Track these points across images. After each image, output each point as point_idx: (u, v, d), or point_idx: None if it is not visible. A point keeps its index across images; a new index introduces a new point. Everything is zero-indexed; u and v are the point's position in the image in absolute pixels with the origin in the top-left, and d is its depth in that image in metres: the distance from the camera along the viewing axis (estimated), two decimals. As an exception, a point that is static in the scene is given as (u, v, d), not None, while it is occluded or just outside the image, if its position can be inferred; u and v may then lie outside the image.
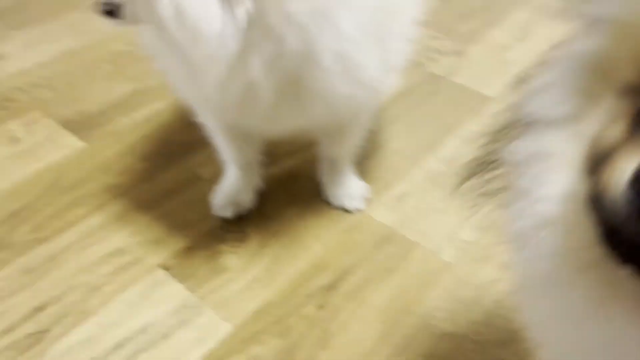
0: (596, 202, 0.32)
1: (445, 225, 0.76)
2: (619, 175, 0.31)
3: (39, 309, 0.64)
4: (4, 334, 0.62)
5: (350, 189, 0.77)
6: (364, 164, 0.83)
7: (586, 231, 0.33)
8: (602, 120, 0.35)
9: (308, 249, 0.72)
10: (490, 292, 0.68)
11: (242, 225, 0.75)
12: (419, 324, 0.64)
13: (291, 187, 0.79)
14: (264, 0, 0.49)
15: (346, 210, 0.77)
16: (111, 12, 0.53)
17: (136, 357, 0.60)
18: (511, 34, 1.18)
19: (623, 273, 0.31)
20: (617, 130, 0.33)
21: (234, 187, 0.75)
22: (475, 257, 0.72)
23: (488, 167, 0.45)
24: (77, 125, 0.90)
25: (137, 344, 0.61)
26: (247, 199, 0.76)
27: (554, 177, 0.36)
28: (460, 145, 0.89)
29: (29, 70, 1.01)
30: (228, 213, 0.75)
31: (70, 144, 0.86)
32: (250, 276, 0.69)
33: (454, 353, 0.62)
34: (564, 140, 0.37)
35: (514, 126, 0.41)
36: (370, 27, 0.56)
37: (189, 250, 0.72)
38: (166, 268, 0.69)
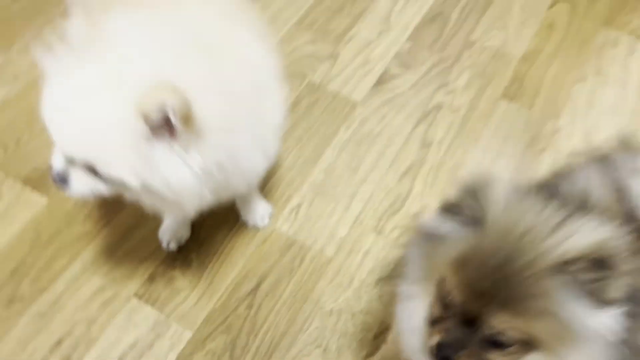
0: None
1: (326, 227, 1.08)
2: (431, 343, 0.58)
3: (58, 343, 0.94)
4: None
5: (258, 211, 1.07)
6: (266, 185, 1.12)
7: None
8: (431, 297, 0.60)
9: (235, 263, 1.04)
10: (358, 275, 1.03)
11: (185, 252, 1.04)
12: (313, 307, 0.99)
13: (217, 216, 1.07)
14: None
15: (258, 228, 1.07)
16: (64, 180, 0.74)
17: (133, 363, 0.93)
18: (375, 27, 1.42)
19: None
20: (436, 308, 0.59)
21: (174, 226, 1.03)
22: (348, 249, 1.06)
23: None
24: (36, 182, 1.12)
25: (132, 356, 0.93)
26: (186, 232, 1.05)
27: (413, 314, 0.63)
28: (337, 154, 1.19)
29: (-22, 129, 1.19)
30: (173, 246, 1.03)
31: (36, 200, 1.10)
32: (198, 292, 1.00)
33: (337, 324, 0.97)
34: (421, 292, 0.62)
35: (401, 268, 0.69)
36: (256, 144, 0.82)
37: (151, 279, 1.01)
38: (138, 296, 0.99)
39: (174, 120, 0.62)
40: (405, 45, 1.37)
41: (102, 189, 0.72)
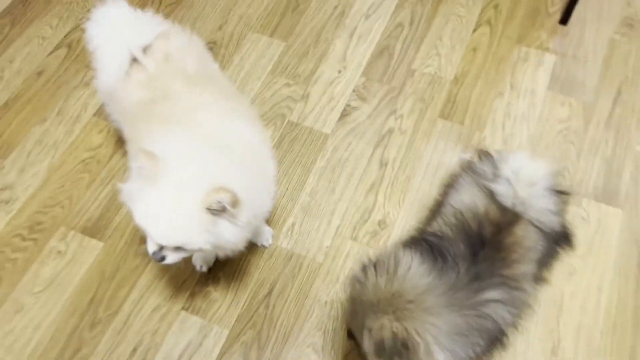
0: None
1: (315, 240, 1.45)
2: None
3: (134, 350, 1.31)
4: None
5: (264, 234, 1.43)
6: (266, 209, 1.47)
7: None
8: None
9: (252, 275, 1.40)
10: (342, 273, 1.40)
11: (214, 272, 1.40)
12: (313, 301, 1.36)
13: (232, 242, 1.43)
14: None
15: (265, 247, 1.43)
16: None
17: (190, 358, 1.30)
18: (335, 66, 1.75)
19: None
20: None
21: (204, 254, 1.39)
22: (332, 255, 1.43)
23: None
24: (92, 230, 1.46)
25: (188, 353, 1.30)
26: (213, 257, 1.40)
27: None
28: (317, 179, 1.54)
29: (35, 196, 1.51)
30: (205, 269, 1.39)
31: (94, 245, 1.44)
32: (228, 300, 1.37)
33: (331, 311, 1.35)
34: None
35: None
36: (265, 193, 1.16)
37: (192, 295, 1.37)
38: (185, 309, 1.36)
39: (228, 207, 0.97)
40: (360, 80, 1.71)
41: (186, 254, 1.08)
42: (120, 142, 1.59)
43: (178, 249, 1.03)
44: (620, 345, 1.30)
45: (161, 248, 1.04)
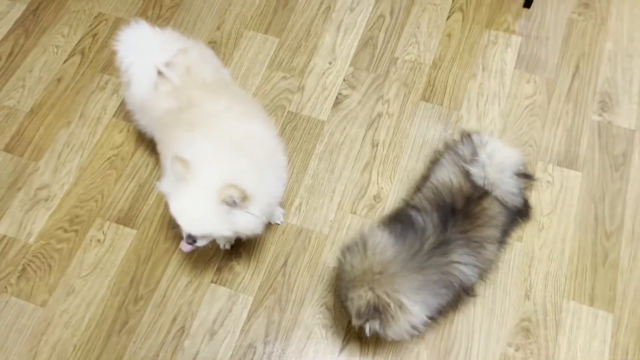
0: None
1: (320, 216, 1.67)
2: None
3: (174, 319, 1.54)
4: (160, 336, 1.52)
5: (276, 214, 1.64)
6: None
7: None
8: None
9: (268, 250, 1.62)
10: (341, 241, 1.63)
11: (236, 248, 1.62)
12: (322, 267, 1.59)
13: (249, 222, 1.65)
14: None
15: (278, 224, 1.65)
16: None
17: (222, 324, 1.53)
18: (326, 58, 1.94)
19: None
20: None
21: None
22: (336, 228, 1.65)
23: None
24: (125, 220, 1.66)
25: (221, 318, 1.53)
26: (234, 237, 1.62)
27: None
28: (317, 162, 1.75)
29: (70, 192, 1.71)
30: (228, 246, 1.61)
31: (129, 232, 1.65)
32: (250, 271, 1.59)
33: (332, 278, 1.58)
34: None
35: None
36: (278, 181, 1.38)
37: (219, 270, 1.60)
38: (214, 282, 1.58)
39: (237, 201, 1.19)
40: (349, 70, 1.91)
41: (213, 238, 1.30)
42: (139, 140, 1.78)
43: (206, 236, 1.25)
44: (582, 287, 1.56)
45: (188, 237, 1.27)
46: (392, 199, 1.69)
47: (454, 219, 1.28)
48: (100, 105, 1.86)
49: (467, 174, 1.33)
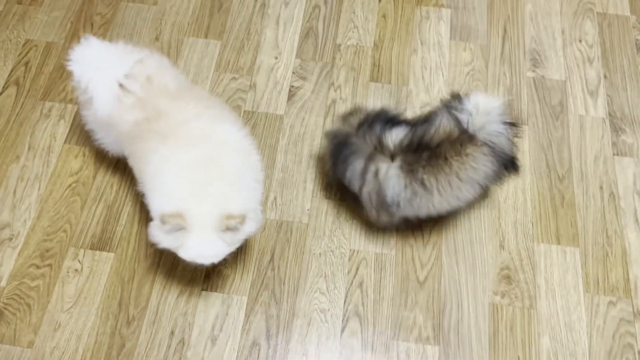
0: None
1: (297, 206, 1.70)
2: None
3: (171, 333, 1.51)
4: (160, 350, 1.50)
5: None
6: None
7: None
8: None
9: (253, 248, 1.63)
10: (327, 226, 1.67)
11: (219, 252, 1.62)
12: (309, 255, 1.62)
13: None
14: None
15: (256, 222, 1.66)
16: None
17: (222, 328, 1.52)
18: (271, 54, 1.96)
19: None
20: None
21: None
22: (315, 214, 1.69)
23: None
24: (100, 244, 1.61)
25: (219, 323, 1.53)
26: (215, 241, 1.62)
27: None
28: (284, 156, 1.77)
29: (35, 227, 1.63)
30: (212, 252, 1.61)
31: (107, 257, 1.60)
32: (239, 272, 1.60)
33: (326, 259, 1.62)
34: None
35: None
36: (259, 185, 1.40)
37: (207, 276, 1.59)
38: (204, 289, 1.57)
39: (239, 226, 1.24)
40: (296, 62, 1.94)
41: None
42: (99, 161, 1.73)
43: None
44: (547, 229, 1.69)
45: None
46: (361, 178, 1.75)
47: (428, 154, 1.45)
48: (48, 133, 1.78)
49: (457, 121, 1.44)
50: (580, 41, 2.02)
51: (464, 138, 1.46)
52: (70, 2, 2.04)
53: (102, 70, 1.33)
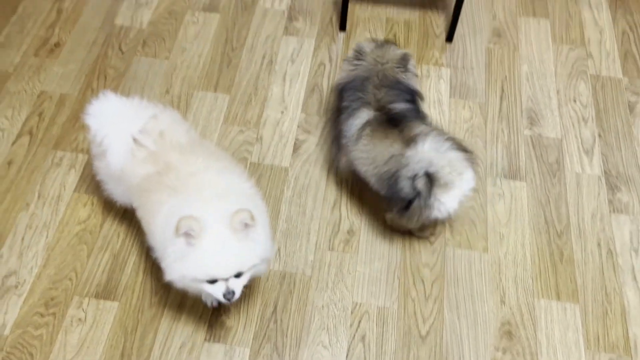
0: None
1: (300, 258, 1.72)
2: None
3: (173, 385, 1.51)
4: None
5: (257, 263, 1.68)
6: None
7: None
8: None
9: (256, 299, 1.65)
10: (330, 279, 1.69)
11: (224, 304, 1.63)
12: (312, 307, 1.64)
13: (232, 275, 1.67)
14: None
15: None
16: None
17: (221, 378, 1.52)
18: (277, 108, 2.03)
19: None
20: None
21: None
22: (317, 267, 1.71)
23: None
24: (105, 293, 1.63)
25: (221, 375, 1.53)
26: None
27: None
28: (288, 207, 1.81)
29: (41, 275, 1.64)
30: (215, 303, 1.62)
31: (111, 306, 1.61)
32: (242, 323, 1.61)
33: (328, 312, 1.63)
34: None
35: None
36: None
37: (211, 327, 1.60)
38: (207, 340, 1.58)
39: (248, 221, 1.26)
40: (301, 117, 2.01)
41: (246, 280, 1.33)
42: (106, 210, 1.77)
43: (238, 275, 1.28)
44: (547, 285, 1.71)
45: (228, 290, 1.29)
46: (364, 230, 1.78)
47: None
48: (59, 182, 1.82)
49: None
50: (575, 101, 2.10)
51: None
52: (85, 56, 2.12)
53: (118, 124, 1.39)
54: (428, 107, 2.05)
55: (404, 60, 1.73)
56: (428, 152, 1.50)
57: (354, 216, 1.80)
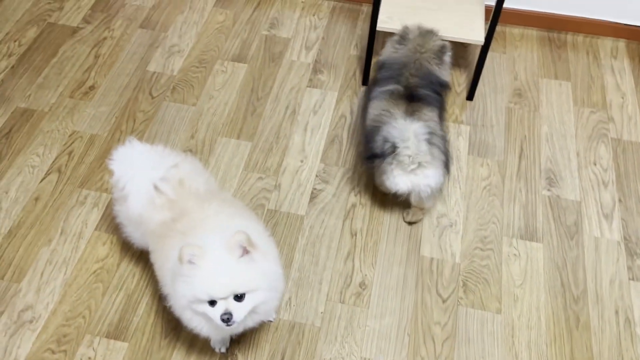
0: None
1: (310, 308, 1.73)
2: None
3: None
4: None
5: (269, 312, 1.68)
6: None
7: None
8: None
9: (263, 348, 1.65)
10: (339, 332, 1.68)
11: (231, 350, 1.64)
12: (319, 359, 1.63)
13: (242, 322, 1.67)
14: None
15: (271, 321, 1.69)
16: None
17: None
18: (297, 157, 2.08)
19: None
20: None
21: (220, 338, 1.62)
22: (327, 318, 1.71)
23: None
24: (116, 333, 1.65)
25: None
26: (228, 338, 1.63)
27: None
28: (302, 255, 1.83)
29: (56, 311, 1.68)
30: (223, 350, 1.62)
31: (120, 347, 1.63)
32: (248, 372, 1.60)
33: (335, 365, 1.62)
34: None
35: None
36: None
37: (216, 374, 1.60)
38: (213, 387, 1.57)
39: (245, 244, 1.27)
40: (320, 166, 2.05)
41: (248, 307, 1.32)
42: (124, 250, 1.81)
43: (239, 298, 1.28)
44: (562, 352, 1.67)
45: (226, 312, 1.28)
46: (376, 284, 1.77)
47: None
48: (81, 220, 1.88)
49: None
50: (595, 164, 2.10)
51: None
52: (117, 99, 2.22)
53: (141, 171, 1.44)
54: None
55: (441, 52, 1.93)
56: (407, 131, 1.66)
57: (367, 268, 1.81)
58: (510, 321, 1.72)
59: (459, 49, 2.46)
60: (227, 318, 1.29)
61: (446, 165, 1.75)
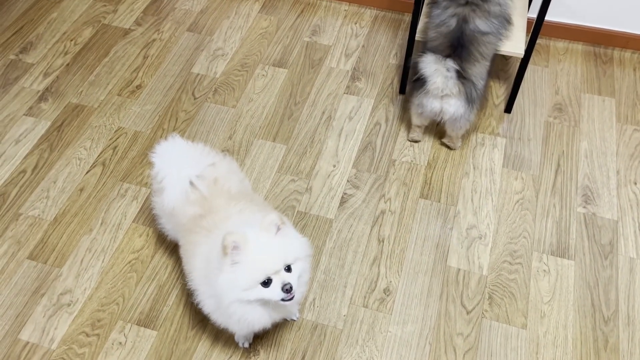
0: None
1: (334, 310, 1.75)
2: None
3: (196, 420, 1.55)
4: None
5: (293, 310, 1.72)
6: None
7: None
8: None
9: (285, 345, 1.68)
10: (360, 336, 1.70)
11: (254, 345, 1.68)
12: (339, 362, 1.65)
13: (266, 319, 1.72)
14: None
15: (294, 320, 1.72)
16: None
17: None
18: (330, 161, 2.11)
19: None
20: None
21: (243, 334, 1.66)
22: (350, 322, 1.73)
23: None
24: (146, 321, 1.72)
25: (242, 417, 1.56)
26: (252, 334, 1.68)
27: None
28: (328, 258, 1.86)
29: (92, 297, 1.77)
30: (247, 345, 1.67)
31: (149, 334, 1.70)
32: (269, 369, 1.64)
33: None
34: None
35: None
36: None
37: (238, 368, 1.64)
38: (234, 380, 1.62)
39: (279, 224, 1.33)
40: (352, 172, 2.07)
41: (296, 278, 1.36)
42: (159, 243, 1.89)
43: (288, 270, 1.33)
44: (587, 371, 1.64)
45: (285, 282, 1.32)
46: (401, 291, 1.78)
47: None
48: (121, 211, 1.97)
49: None
50: (635, 184, 2.04)
51: None
52: (162, 98, 2.32)
53: (180, 166, 1.51)
54: (479, 174, 2.06)
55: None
56: (444, 66, 1.88)
57: (393, 275, 1.82)
58: (535, 337, 1.69)
59: (500, 60, 2.44)
60: (289, 287, 1.31)
61: (469, 99, 1.96)
